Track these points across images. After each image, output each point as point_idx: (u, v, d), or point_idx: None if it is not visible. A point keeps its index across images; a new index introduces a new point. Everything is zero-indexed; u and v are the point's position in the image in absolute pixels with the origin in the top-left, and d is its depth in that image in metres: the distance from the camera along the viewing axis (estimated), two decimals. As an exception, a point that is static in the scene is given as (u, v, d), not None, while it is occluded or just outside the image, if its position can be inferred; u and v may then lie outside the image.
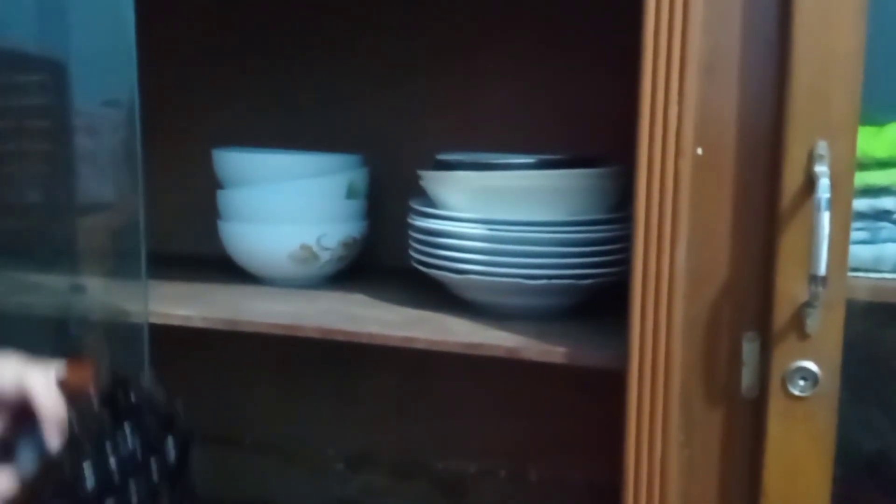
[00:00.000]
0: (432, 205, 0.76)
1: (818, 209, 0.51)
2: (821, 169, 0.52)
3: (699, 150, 0.56)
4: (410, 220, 0.76)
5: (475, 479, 1.00)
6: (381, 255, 0.94)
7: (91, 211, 0.76)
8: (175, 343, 0.74)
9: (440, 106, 0.94)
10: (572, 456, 0.96)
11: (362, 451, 1.04)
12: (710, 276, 0.57)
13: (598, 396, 0.92)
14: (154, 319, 0.71)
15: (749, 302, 0.56)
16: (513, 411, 0.97)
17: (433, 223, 0.72)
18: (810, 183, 0.52)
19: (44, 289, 0.74)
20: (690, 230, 0.56)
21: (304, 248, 0.83)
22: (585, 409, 0.94)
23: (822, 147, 0.52)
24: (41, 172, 0.80)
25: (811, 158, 0.52)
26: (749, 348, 0.56)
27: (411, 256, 0.78)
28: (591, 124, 0.88)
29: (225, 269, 0.89)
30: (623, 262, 0.71)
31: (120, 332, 0.72)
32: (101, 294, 0.74)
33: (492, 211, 0.70)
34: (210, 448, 1.09)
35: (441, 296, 0.77)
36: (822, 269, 0.51)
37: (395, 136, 0.95)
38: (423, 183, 0.77)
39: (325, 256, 0.84)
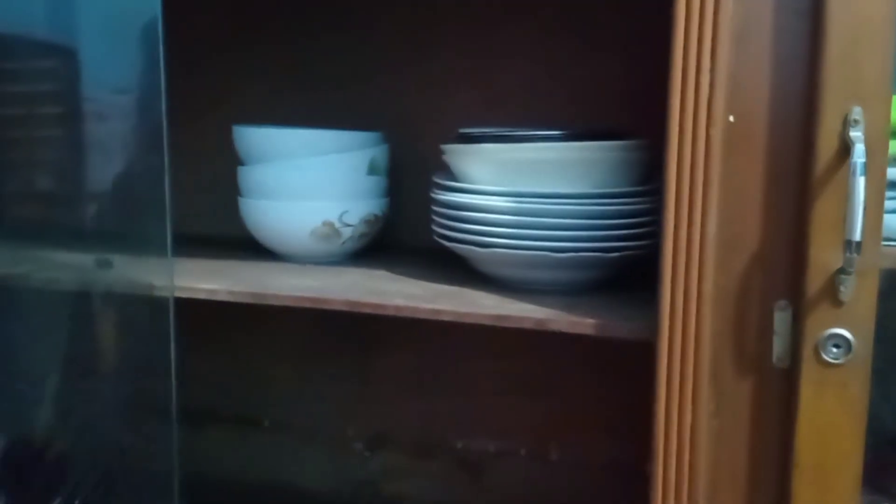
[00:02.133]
0: (455, 180, 0.76)
1: (854, 174, 0.50)
2: (856, 134, 0.51)
3: (731, 118, 0.55)
4: (433, 195, 0.76)
5: (495, 459, 1.00)
6: (402, 233, 0.94)
7: (117, 191, 0.76)
8: (195, 326, 0.74)
9: (460, 83, 0.94)
10: (593, 436, 0.96)
11: (381, 431, 1.04)
12: (741, 245, 0.57)
13: (621, 376, 0.92)
14: (180, 294, 0.71)
15: (781, 271, 0.56)
16: (533, 390, 0.97)
17: (457, 197, 0.72)
18: (845, 149, 0.52)
19: (72, 266, 0.75)
20: (721, 199, 0.56)
21: (327, 224, 0.83)
22: (607, 389, 0.94)
23: (856, 113, 0.52)
24: (68, 155, 0.80)
25: (846, 124, 0.52)
26: (780, 317, 0.56)
27: (433, 232, 0.77)
28: (611, 100, 0.88)
29: (246, 247, 0.90)
30: (650, 235, 0.71)
31: (146, 308, 0.72)
32: (126, 270, 0.74)
33: (517, 184, 0.70)
34: (230, 429, 1.09)
35: (464, 271, 0.77)
36: (858, 235, 0.50)
37: (415, 113, 0.95)
38: (445, 157, 0.77)
39: (347, 233, 0.84)
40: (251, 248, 0.88)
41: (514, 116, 0.92)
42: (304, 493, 1.06)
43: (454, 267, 0.79)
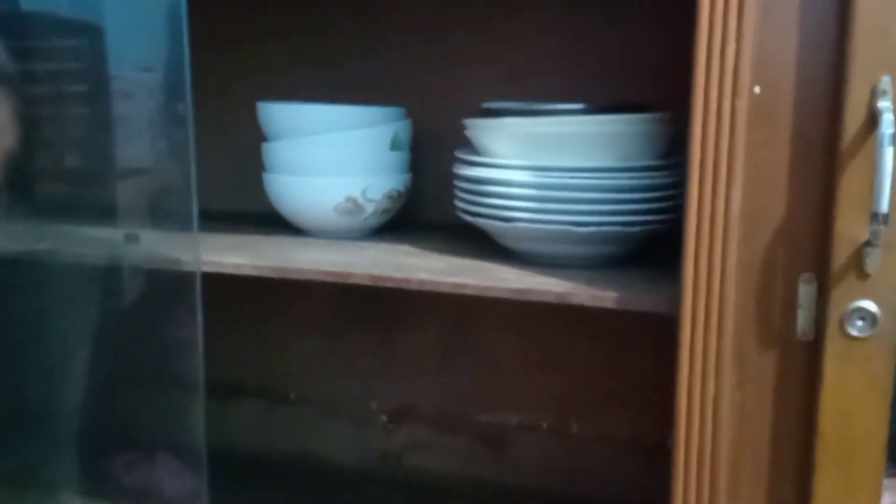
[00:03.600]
0: (477, 155, 0.76)
1: (881, 145, 0.50)
2: (884, 104, 0.51)
3: (756, 89, 0.55)
4: (456, 170, 0.76)
5: (516, 432, 1.01)
6: (424, 209, 0.95)
7: (144, 168, 0.77)
8: (221, 301, 0.75)
9: (481, 58, 0.94)
10: (614, 410, 0.96)
11: (404, 405, 1.05)
12: (765, 218, 0.56)
13: (642, 351, 0.93)
14: (206, 268, 0.72)
15: (806, 243, 0.56)
16: (555, 365, 0.98)
17: (480, 171, 0.72)
18: (872, 119, 0.51)
19: (100, 241, 0.76)
20: (746, 171, 0.55)
21: (350, 200, 0.83)
22: (627, 363, 0.94)
23: (885, 83, 0.51)
24: (96, 132, 0.81)
25: (874, 94, 0.51)
26: (805, 290, 0.56)
27: (456, 207, 0.78)
28: (633, 75, 0.87)
29: (269, 223, 0.90)
30: (672, 209, 0.70)
31: (173, 282, 0.73)
32: (154, 245, 0.75)
33: (539, 158, 0.70)
34: (255, 403, 1.11)
35: (486, 247, 0.77)
36: (885, 207, 0.50)
37: (437, 88, 0.95)
38: (468, 132, 0.77)
39: (369, 209, 0.85)
40: (275, 223, 0.89)
41: (537, 91, 0.91)
42: (329, 466, 1.08)
43: (476, 242, 0.80)
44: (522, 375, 0.99)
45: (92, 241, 0.77)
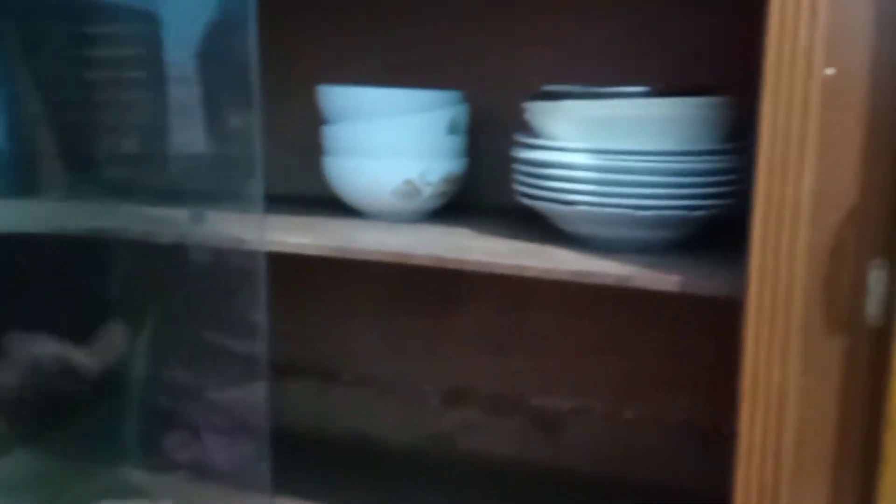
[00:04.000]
0: (537, 138, 0.75)
1: (961, 127, 0.49)
2: (964, 86, 0.49)
3: (829, 71, 0.54)
4: (516, 153, 0.76)
5: (570, 416, 1.01)
6: (479, 193, 0.95)
7: (212, 151, 0.79)
8: (276, 281, 0.77)
9: (539, 42, 0.93)
10: (669, 395, 0.96)
11: (457, 387, 1.06)
12: (836, 202, 0.55)
13: (698, 335, 0.92)
14: (270, 247, 0.73)
15: (877, 228, 0.55)
16: (609, 348, 0.97)
17: (541, 154, 0.72)
18: (951, 101, 0.50)
19: (168, 220, 0.78)
20: (817, 153, 0.55)
21: (408, 183, 0.84)
22: (683, 347, 0.94)
23: (965, 63, 0.50)
24: (165, 116, 0.83)
25: (953, 75, 0.50)
26: (875, 276, 0.55)
27: (514, 190, 0.78)
28: (695, 59, 0.86)
29: (326, 205, 0.92)
30: (735, 194, 0.70)
31: (238, 261, 0.75)
32: (219, 224, 0.77)
33: (601, 141, 0.69)
34: (309, 382, 1.13)
35: (544, 230, 0.77)
36: (963, 190, 0.49)
37: (493, 72, 0.95)
38: (528, 115, 0.77)
39: (427, 192, 0.85)
40: (331, 206, 0.90)
41: (596, 75, 0.91)
42: (381, 446, 1.09)
43: (533, 226, 0.80)
44: (576, 359, 0.99)
45: (159, 221, 0.79)
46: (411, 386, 1.07)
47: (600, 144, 0.69)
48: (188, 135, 0.80)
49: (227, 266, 0.76)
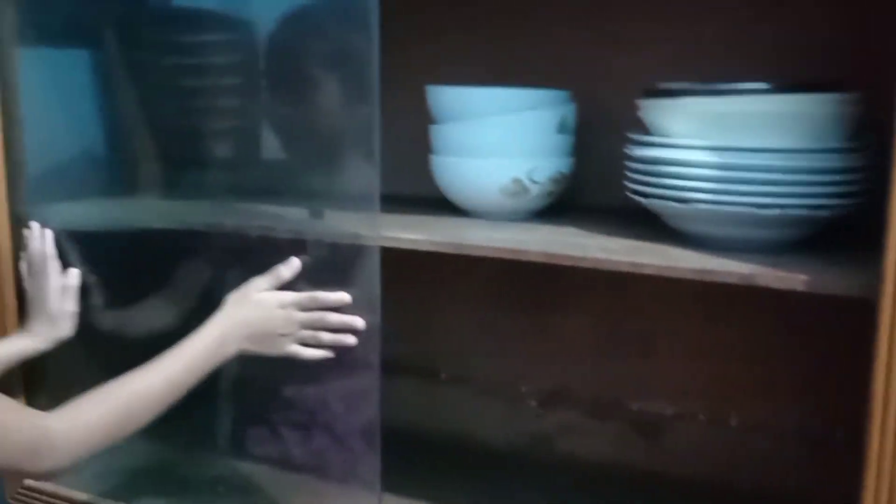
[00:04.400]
0: (649, 136, 0.75)
1: None
2: None
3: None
4: (629, 150, 0.76)
5: (672, 422, 1.00)
6: (585, 192, 0.95)
7: (333, 152, 0.82)
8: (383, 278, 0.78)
9: (647, 40, 0.92)
10: (776, 401, 0.93)
11: (556, 389, 1.05)
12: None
13: (807, 338, 0.89)
14: (384, 243, 0.75)
15: None
16: (713, 352, 0.95)
17: (656, 151, 0.71)
18: None
19: (289, 218, 0.81)
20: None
21: (516, 181, 0.85)
22: (791, 351, 0.91)
23: None
24: (291, 120, 0.86)
25: None
26: None
27: (622, 189, 0.77)
28: (811, 54, 0.84)
29: (431, 204, 0.93)
30: (860, 193, 0.68)
31: (354, 256, 0.77)
32: (336, 221, 0.79)
33: (719, 138, 0.68)
34: (409, 379, 1.14)
35: (654, 229, 0.77)
36: None
37: (600, 72, 0.94)
38: (642, 112, 0.76)
39: (535, 190, 0.85)
40: (437, 205, 0.91)
41: (706, 71, 0.89)
42: (479, 445, 1.09)
43: (643, 225, 0.79)
44: (679, 363, 0.98)
45: (280, 217, 0.82)
46: (511, 386, 1.07)
47: (720, 141, 0.68)
48: (308, 136, 0.83)
49: (343, 262, 0.78)
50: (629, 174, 0.76)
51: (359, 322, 0.79)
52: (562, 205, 0.91)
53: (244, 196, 0.88)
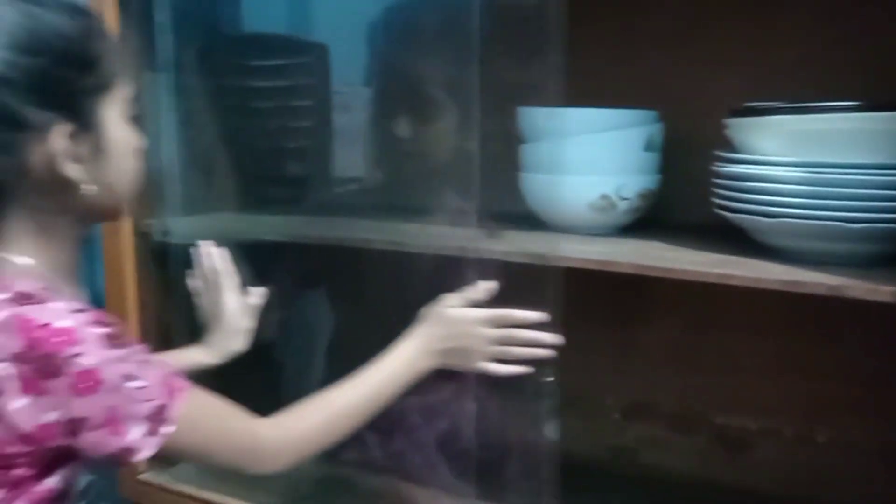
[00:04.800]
0: (736, 153, 0.77)
1: None
2: None
3: None
4: (716, 167, 0.79)
5: (757, 437, 1.00)
6: (671, 209, 0.97)
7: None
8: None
9: (730, 62, 0.95)
10: (864, 418, 0.93)
11: (640, 402, 1.07)
12: None
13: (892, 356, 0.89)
14: (484, 255, 0.79)
15: None
16: (799, 367, 0.96)
17: (746, 168, 0.74)
18: None
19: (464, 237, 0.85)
20: None
21: (604, 197, 0.88)
22: (878, 369, 0.91)
23: None
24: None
25: None
26: None
27: (706, 206, 0.80)
28: (891, 77, 0.85)
29: (518, 220, 0.96)
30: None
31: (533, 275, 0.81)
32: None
33: (808, 155, 0.71)
34: (493, 390, 1.17)
35: (740, 244, 0.79)
36: None
37: (684, 90, 0.97)
38: (729, 131, 0.79)
39: (622, 207, 0.89)
40: (524, 221, 0.95)
41: (791, 91, 0.91)
42: (562, 455, 1.11)
43: (728, 241, 0.81)
44: (764, 377, 0.98)
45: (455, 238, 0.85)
46: (594, 398, 1.10)
47: (807, 158, 0.70)
48: (414, 153, 0.88)
49: (522, 281, 0.82)
50: (716, 190, 0.79)
51: (549, 338, 0.81)
52: (648, 221, 0.93)
53: (354, 212, 0.93)
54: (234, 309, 0.91)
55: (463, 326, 0.80)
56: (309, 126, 1.14)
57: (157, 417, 0.62)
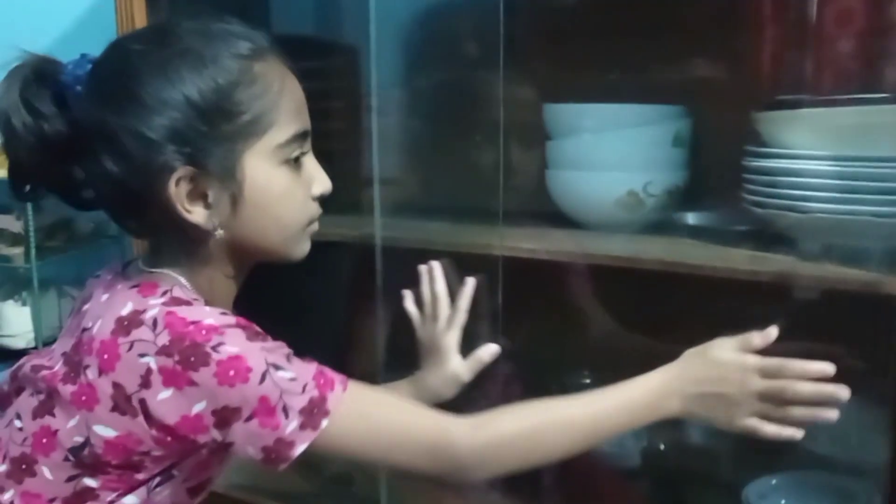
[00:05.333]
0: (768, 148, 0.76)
1: None
2: None
3: None
4: (747, 162, 0.77)
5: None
6: (700, 206, 0.95)
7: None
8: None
9: (759, 57, 0.93)
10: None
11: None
12: None
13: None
14: (506, 252, 0.79)
15: None
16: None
17: (777, 163, 0.72)
18: None
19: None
20: None
21: (631, 194, 0.87)
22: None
23: None
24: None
25: None
26: None
27: (736, 202, 0.78)
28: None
29: (547, 217, 0.95)
30: None
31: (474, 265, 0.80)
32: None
33: (840, 149, 0.69)
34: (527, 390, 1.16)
35: (773, 242, 0.77)
36: None
37: (715, 87, 0.95)
38: (759, 125, 0.77)
39: (650, 203, 0.87)
40: (551, 219, 0.94)
41: (820, 87, 0.89)
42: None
43: (758, 238, 0.79)
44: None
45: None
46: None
47: (839, 152, 0.68)
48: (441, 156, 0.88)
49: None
50: (747, 186, 0.77)
51: (843, 392, 0.62)
52: (676, 218, 0.92)
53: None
54: (455, 353, 0.79)
55: (731, 372, 0.65)
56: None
57: (313, 409, 0.58)
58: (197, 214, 0.61)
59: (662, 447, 0.94)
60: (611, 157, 0.87)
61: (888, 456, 0.73)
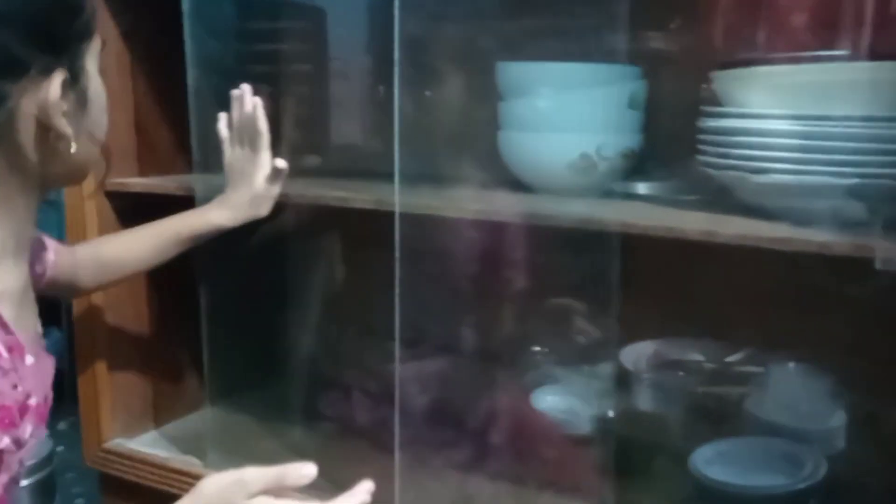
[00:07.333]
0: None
1: None
2: None
3: None
4: (702, 123, 0.75)
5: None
6: (655, 169, 0.93)
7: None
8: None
9: (715, 17, 0.91)
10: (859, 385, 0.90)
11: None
12: None
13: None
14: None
15: None
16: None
17: (733, 122, 0.71)
18: None
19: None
20: None
21: (584, 157, 0.84)
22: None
23: None
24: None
25: None
26: None
27: (690, 166, 0.77)
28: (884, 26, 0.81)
29: (499, 182, 0.92)
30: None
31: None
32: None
33: (796, 108, 0.67)
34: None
35: (729, 205, 0.75)
36: None
37: (668, 51, 0.93)
38: (715, 85, 0.76)
39: (603, 166, 0.85)
40: (504, 183, 0.91)
41: (776, 47, 0.87)
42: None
43: (714, 201, 0.77)
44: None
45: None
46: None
47: (798, 111, 0.67)
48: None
49: None
50: (702, 147, 0.75)
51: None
52: (630, 181, 0.90)
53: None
54: (267, 169, 0.84)
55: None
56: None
57: None
58: (62, 123, 0.57)
59: (611, 414, 0.93)
60: (563, 118, 0.84)
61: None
